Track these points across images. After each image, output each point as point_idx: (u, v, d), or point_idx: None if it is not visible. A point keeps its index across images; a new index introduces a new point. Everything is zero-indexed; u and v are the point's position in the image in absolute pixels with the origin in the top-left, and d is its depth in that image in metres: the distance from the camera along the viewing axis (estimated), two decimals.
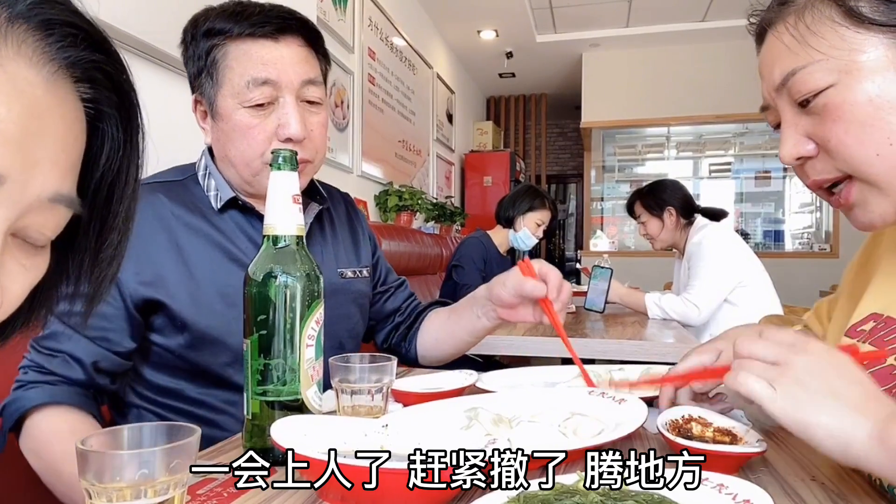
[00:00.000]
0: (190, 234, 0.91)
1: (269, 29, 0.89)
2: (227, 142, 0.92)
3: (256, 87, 0.88)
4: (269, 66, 0.88)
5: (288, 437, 0.53)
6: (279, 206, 0.64)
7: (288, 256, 0.63)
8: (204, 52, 0.90)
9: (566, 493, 0.46)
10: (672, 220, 2.53)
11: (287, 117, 0.89)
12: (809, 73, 0.56)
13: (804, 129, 0.59)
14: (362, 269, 1.12)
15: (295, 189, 0.64)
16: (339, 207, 1.15)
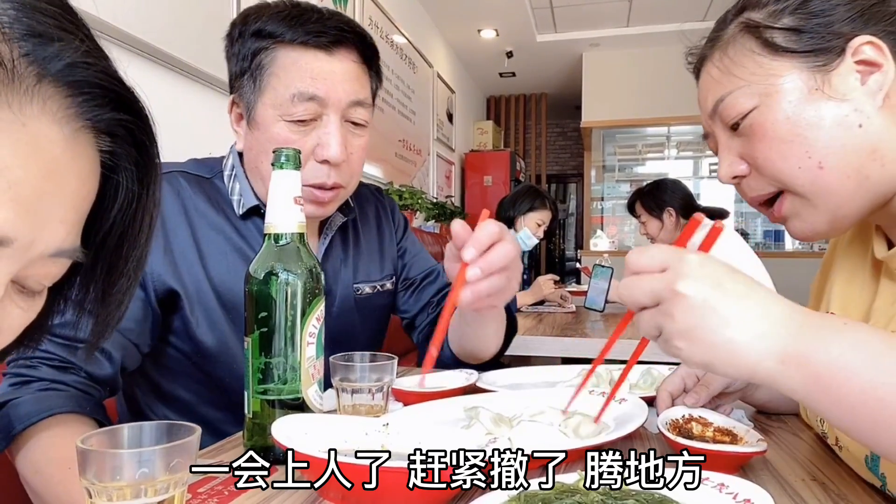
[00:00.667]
0: (210, 232, 0.87)
1: (325, 40, 0.82)
2: (262, 153, 0.85)
3: (302, 101, 0.81)
4: (318, 80, 0.82)
5: (289, 436, 0.53)
6: (280, 204, 0.64)
7: (289, 254, 0.63)
8: (250, 53, 0.84)
9: (566, 493, 0.46)
10: (671, 220, 2.54)
11: (328, 137, 0.83)
12: (735, 97, 0.62)
13: (736, 150, 0.65)
14: (384, 281, 1.06)
15: (297, 189, 0.64)
16: (369, 209, 1.09)
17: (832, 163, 0.58)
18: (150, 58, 1.78)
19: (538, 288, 2.72)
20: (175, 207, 0.86)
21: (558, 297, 2.71)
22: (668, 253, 0.50)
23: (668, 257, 0.50)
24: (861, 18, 0.58)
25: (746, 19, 0.63)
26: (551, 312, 2.53)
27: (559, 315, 2.43)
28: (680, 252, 0.50)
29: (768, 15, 0.61)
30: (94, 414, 0.72)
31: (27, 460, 0.67)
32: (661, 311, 0.49)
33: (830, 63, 0.58)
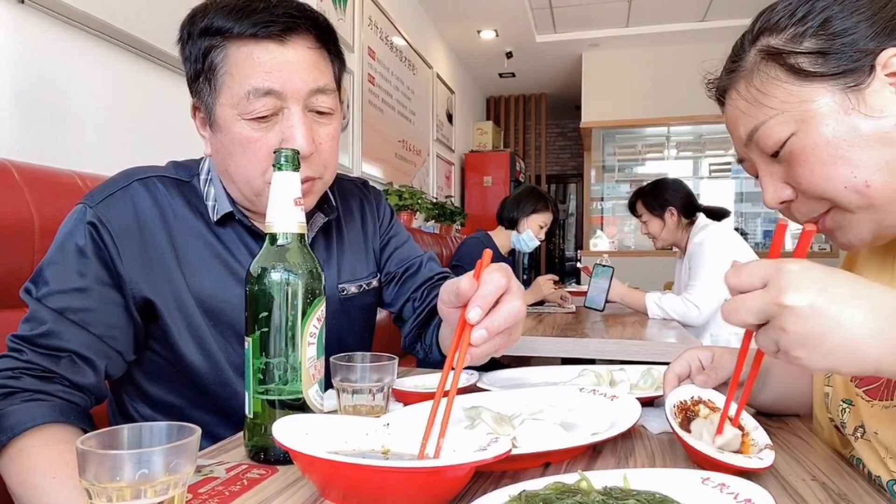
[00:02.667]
0: (189, 237, 0.86)
1: (275, 29, 0.78)
2: (227, 156, 0.83)
3: (258, 97, 0.78)
4: (272, 73, 0.78)
5: (290, 437, 0.53)
6: (280, 205, 0.64)
7: (289, 254, 0.63)
8: (201, 54, 0.80)
9: (567, 493, 0.46)
10: (673, 219, 2.53)
11: (291, 130, 0.79)
12: (770, 127, 0.62)
13: (779, 176, 0.65)
14: (370, 279, 1.04)
15: (297, 191, 0.64)
16: (353, 204, 1.06)
17: (879, 180, 0.58)
18: (150, 58, 1.78)
19: (538, 288, 2.72)
20: (153, 213, 0.84)
21: (558, 297, 2.71)
22: (765, 267, 0.50)
23: (766, 272, 0.49)
24: (884, 32, 0.58)
25: (766, 46, 0.62)
26: (551, 312, 2.53)
27: (559, 315, 2.43)
28: (777, 264, 0.49)
29: (788, 40, 0.61)
30: (78, 423, 0.72)
31: (12, 470, 0.66)
32: (773, 326, 0.49)
33: (862, 81, 0.58)
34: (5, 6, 1.38)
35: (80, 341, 0.76)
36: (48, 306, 0.76)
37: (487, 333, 0.57)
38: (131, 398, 0.91)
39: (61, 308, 0.76)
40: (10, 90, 1.39)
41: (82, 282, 0.78)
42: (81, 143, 1.57)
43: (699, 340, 1.84)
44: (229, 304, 0.86)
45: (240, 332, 0.86)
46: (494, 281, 0.58)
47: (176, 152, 1.87)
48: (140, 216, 0.83)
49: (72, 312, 0.76)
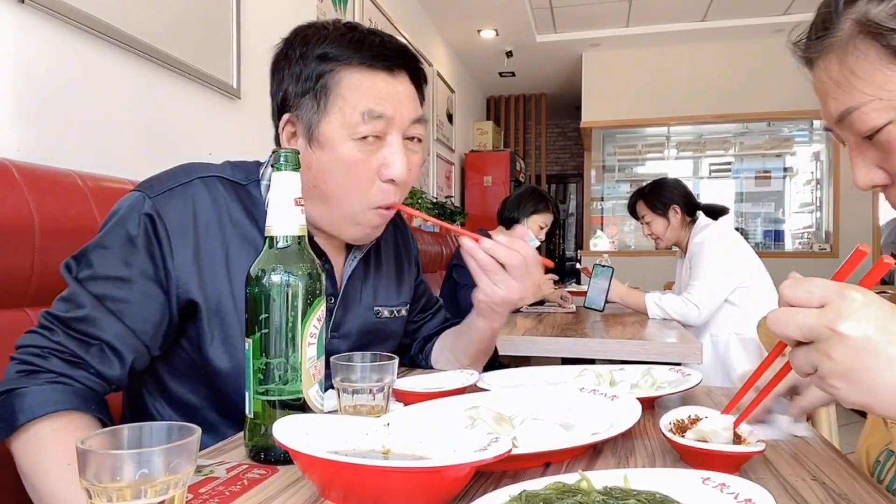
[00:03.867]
0: (242, 243, 0.86)
1: (388, 63, 0.85)
2: (327, 174, 0.85)
3: (371, 120, 0.83)
4: (385, 100, 0.84)
5: (290, 437, 0.53)
6: (280, 207, 0.64)
7: (289, 256, 0.63)
8: (314, 74, 0.84)
9: (567, 492, 0.46)
10: (678, 217, 2.52)
11: (393, 157, 0.85)
12: (865, 113, 0.56)
13: (872, 159, 0.60)
14: (401, 307, 1.07)
15: (297, 191, 0.64)
16: (388, 236, 1.09)
17: None
18: (150, 58, 1.78)
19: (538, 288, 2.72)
20: (211, 215, 0.84)
21: (558, 297, 2.71)
22: (828, 288, 0.47)
23: (828, 294, 0.46)
24: None
25: (865, 18, 0.54)
26: (551, 312, 2.53)
27: (559, 315, 2.43)
28: (841, 288, 0.46)
29: (891, 14, 0.53)
30: (98, 413, 0.72)
31: (26, 451, 0.67)
32: (817, 349, 0.46)
33: None
34: (5, 6, 1.38)
35: (115, 332, 0.76)
36: (88, 290, 0.76)
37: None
38: (150, 393, 0.90)
39: (101, 294, 0.76)
40: (10, 90, 1.39)
41: (126, 272, 0.78)
42: (81, 143, 1.57)
43: (699, 340, 1.84)
44: None
45: None
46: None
47: (176, 152, 1.88)
48: (198, 216, 0.83)
49: (111, 301, 0.76)
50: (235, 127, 2.20)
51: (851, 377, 0.45)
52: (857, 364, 0.44)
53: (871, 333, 0.44)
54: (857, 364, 0.44)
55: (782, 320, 0.48)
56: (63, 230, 1.09)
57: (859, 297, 0.45)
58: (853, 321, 0.45)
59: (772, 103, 5.49)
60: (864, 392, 0.45)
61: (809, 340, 0.47)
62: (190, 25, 1.97)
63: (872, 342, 0.44)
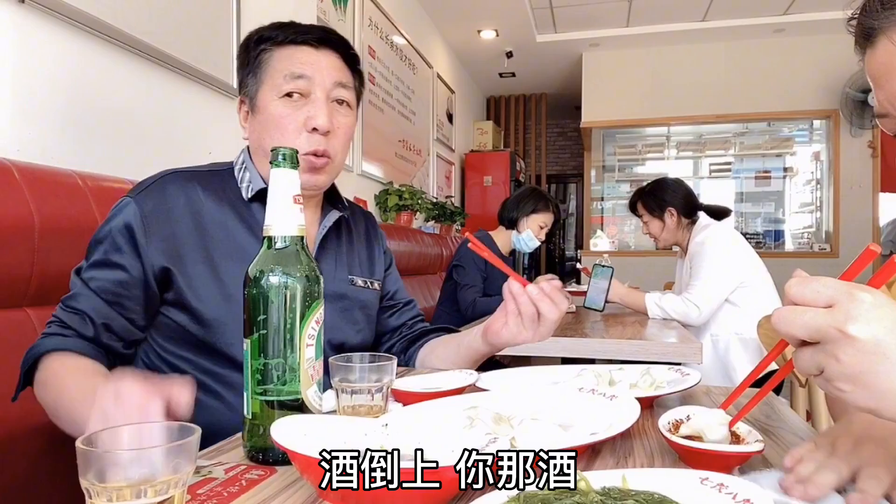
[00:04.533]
0: (215, 225, 0.98)
1: (311, 37, 1.00)
2: (263, 132, 1.00)
3: (292, 79, 0.98)
4: (306, 65, 0.99)
5: (288, 437, 0.53)
6: (279, 205, 0.64)
7: (287, 257, 0.63)
8: (254, 57, 1.01)
9: (566, 493, 0.46)
10: (673, 220, 2.53)
11: (316, 109, 0.98)
12: None
13: None
14: (374, 280, 1.17)
15: (296, 188, 0.64)
16: (360, 223, 1.21)
17: None
18: (150, 58, 1.78)
19: None
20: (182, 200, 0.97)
21: None
22: (837, 288, 0.45)
23: (836, 294, 0.45)
24: None
25: None
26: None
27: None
28: (850, 289, 0.45)
29: None
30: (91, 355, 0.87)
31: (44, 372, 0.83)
32: (824, 350, 0.45)
33: None
34: (5, 6, 1.38)
35: (90, 304, 0.90)
36: (80, 277, 0.92)
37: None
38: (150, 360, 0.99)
39: (87, 278, 0.92)
40: (10, 90, 1.39)
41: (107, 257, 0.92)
42: (81, 143, 1.57)
43: (699, 340, 1.84)
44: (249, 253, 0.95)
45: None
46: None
47: (176, 152, 1.88)
48: (169, 203, 0.96)
49: (93, 282, 0.92)
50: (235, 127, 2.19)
51: (860, 381, 0.44)
52: (866, 367, 0.43)
53: (881, 336, 0.43)
54: (866, 367, 0.43)
55: (788, 319, 0.47)
56: (63, 230, 1.09)
57: (869, 298, 0.44)
58: (863, 323, 0.43)
59: (772, 103, 5.49)
60: (871, 396, 0.44)
61: (816, 341, 0.46)
62: (190, 25, 1.97)
63: (882, 345, 0.43)
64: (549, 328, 0.95)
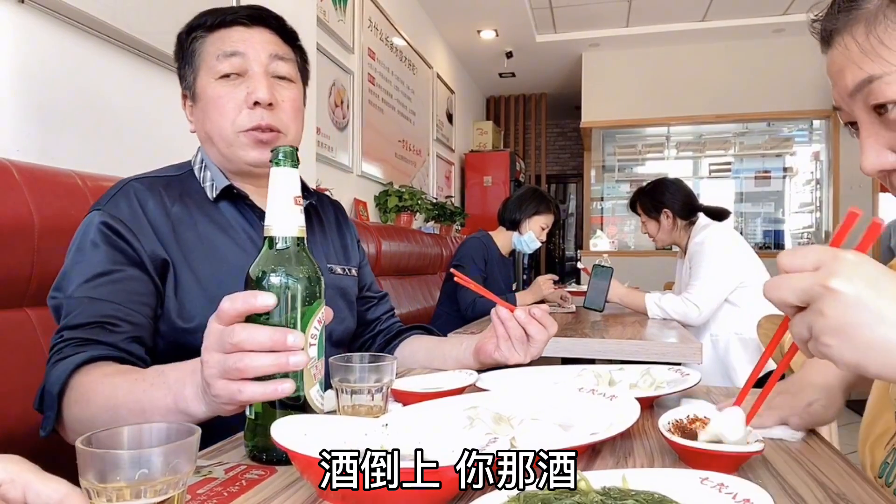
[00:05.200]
0: (186, 228, 0.94)
1: (241, 16, 0.97)
2: (205, 118, 0.97)
3: (226, 58, 0.95)
4: (238, 42, 0.96)
5: (288, 437, 0.53)
6: (279, 206, 0.63)
7: (288, 258, 0.63)
8: (188, 48, 0.99)
9: (566, 493, 0.46)
10: (669, 221, 2.54)
11: (254, 83, 0.95)
12: (886, 83, 0.55)
13: (886, 140, 0.58)
14: (351, 268, 1.17)
15: (296, 189, 0.64)
16: (329, 212, 1.20)
17: None
18: (150, 58, 1.78)
19: (538, 288, 2.72)
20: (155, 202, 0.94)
21: (558, 297, 2.71)
22: (821, 252, 0.47)
23: (821, 256, 0.47)
24: None
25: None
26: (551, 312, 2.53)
27: (559, 315, 2.43)
28: (834, 251, 0.47)
29: None
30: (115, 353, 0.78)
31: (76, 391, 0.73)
32: (812, 310, 0.47)
33: None
34: (5, 6, 1.38)
35: (104, 312, 0.81)
36: (75, 296, 0.82)
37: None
38: None
39: (86, 295, 0.83)
40: (10, 90, 1.39)
41: (101, 267, 0.85)
42: (81, 143, 1.57)
43: (699, 340, 1.84)
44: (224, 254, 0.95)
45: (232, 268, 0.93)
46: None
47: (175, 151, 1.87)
48: (143, 207, 0.93)
49: (96, 293, 0.83)
50: None
51: (843, 333, 0.45)
52: (849, 319, 0.45)
53: (861, 289, 0.45)
54: (849, 319, 0.45)
55: (778, 285, 0.49)
56: (63, 230, 1.09)
57: (852, 258, 0.46)
58: (844, 278, 0.45)
59: (772, 103, 5.49)
60: (856, 349, 0.45)
61: (805, 304, 0.48)
62: None
63: (863, 297, 0.45)
64: (539, 348, 0.98)
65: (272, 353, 0.57)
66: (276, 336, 0.57)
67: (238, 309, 0.58)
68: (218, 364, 0.58)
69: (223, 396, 0.59)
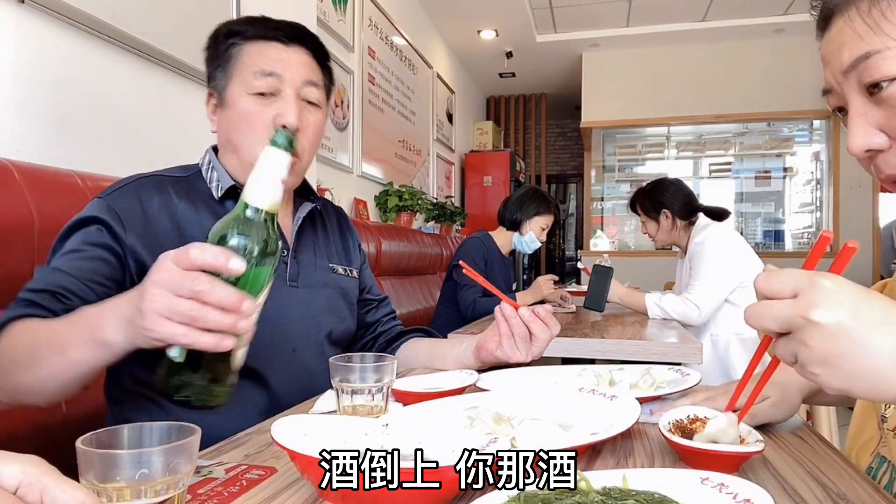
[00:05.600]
0: (192, 225, 0.97)
1: (280, 34, 1.00)
2: (232, 127, 0.99)
3: (262, 77, 0.97)
4: (276, 62, 0.98)
5: (288, 437, 0.53)
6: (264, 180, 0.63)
7: (258, 227, 0.62)
8: (223, 51, 1.01)
9: (566, 493, 0.46)
10: (668, 222, 2.53)
11: (285, 107, 0.97)
12: (884, 58, 0.55)
13: (875, 120, 0.58)
14: (353, 269, 1.19)
15: (283, 172, 0.64)
16: (332, 217, 1.23)
17: None
18: (149, 58, 1.78)
19: (538, 288, 2.72)
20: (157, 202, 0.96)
21: (558, 297, 2.71)
22: (799, 278, 0.47)
23: (799, 283, 0.47)
24: None
25: None
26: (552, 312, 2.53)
27: (559, 315, 2.43)
28: (812, 277, 0.47)
29: None
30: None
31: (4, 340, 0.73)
32: (795, 339, 0.47)
33: None
34: (5, 6, 1.38)
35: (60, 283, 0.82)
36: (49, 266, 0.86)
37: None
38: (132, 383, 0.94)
39: (55, 266, 0.86)
40: (10, 90, 1.39)
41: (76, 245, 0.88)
42: (81, 143, 1.57)
43: (699, 340, 1.84)
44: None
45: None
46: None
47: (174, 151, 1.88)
48: (144, 204, 0.95)
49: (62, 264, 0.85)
50: None
51: (830, 363, 0.45)
52: (834, 350, 0.45)
53: (843, 320, 0.45)
54: (834, 350, 0.45)
55: (758, 314, 0.49)
56: None
57: (829, 285, 0.46)
58: (825, 308, 0.45)
59: (772, 103, 5.49)
60: (843, 377, 0.46)
61: (787, 331, 0.48)
62: (190, 25, 1.97)
63: (846, 328, 0.45)
64: (542, 347, 0.98)
65: (226, 312, 0.57)
66: (235, 298, 0.57)
67: (207, 262, 0.57)
68: (166, 303, 0.57)
69: (158, 333, 0.57)
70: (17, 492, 0.36)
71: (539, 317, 0.96)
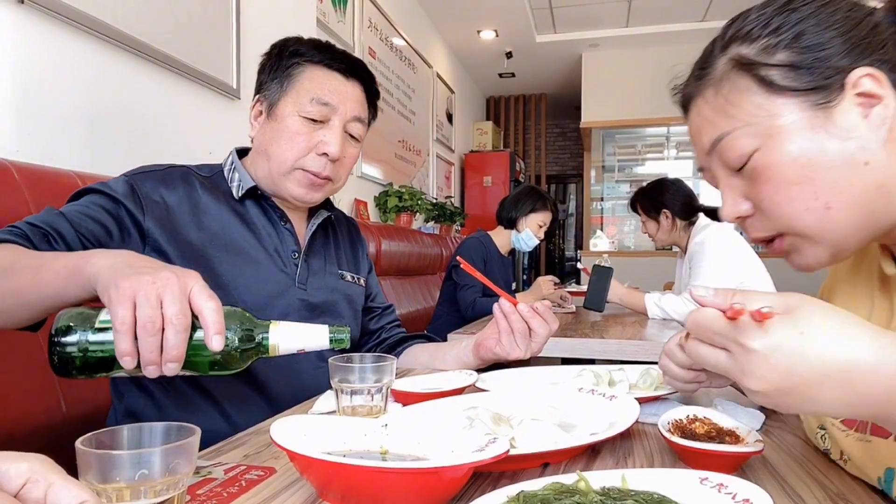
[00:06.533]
0: (212, 218, 1.01)
1: (343, 66, 1.06)
2: (273, 140, 1.04)
3: (318, 105, 1.03)
4: (333, 93, 1.04)
5: (288, 437, 0.53)
6: (295, 340, 0.68)
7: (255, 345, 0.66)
8: (285, 66, 1.05)
9: (566, 493, 0.46)
10: (668, 222, 2.54)
11: (331, 136, 1.03)
12: (734, 139, 0.60)
13: (739, 189, 0.63)
14: (360, 277, 1.23)
15: (311, 348, 0.68)
16: (343, 225, 1.27)
17: (840, 203, 0.56)
18: (149, 59, 1.78)
19: (538, 288, 2.72)
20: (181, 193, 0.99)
21: (558, 297, 2.71)
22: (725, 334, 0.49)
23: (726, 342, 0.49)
24: (856, 50, 0.56)
25: (737, 56, 0.60)
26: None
27: (559, 315, 2.43)
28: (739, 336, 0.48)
29: (760, 50, 0.59)
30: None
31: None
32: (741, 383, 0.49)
33: (832, 99, 0.56)
34: (5, 6, 1.38)
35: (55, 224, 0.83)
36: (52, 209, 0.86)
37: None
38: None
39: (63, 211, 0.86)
40: (10, 90, 1.39)
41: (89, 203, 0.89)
42: (81, 143, 1.57)
43: None
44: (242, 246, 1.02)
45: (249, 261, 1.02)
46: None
47: (175, 152, 1.88)
48: (166, 191, 0.98)
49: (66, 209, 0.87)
50: (235, 127, 2.20)
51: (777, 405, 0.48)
52: (775, 402, 0.47)
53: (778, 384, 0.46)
54: (775, 402, 0.47)
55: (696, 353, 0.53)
56: None
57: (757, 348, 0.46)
58: (757, 378, 0.47)
59: None
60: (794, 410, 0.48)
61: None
62: (189, 25, 1.97)
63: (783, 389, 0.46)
64: (541, 343, 0.99)
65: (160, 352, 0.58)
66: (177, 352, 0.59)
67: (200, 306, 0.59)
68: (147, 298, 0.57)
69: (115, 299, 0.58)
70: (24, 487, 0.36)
71: (538, 312, 0.97)
